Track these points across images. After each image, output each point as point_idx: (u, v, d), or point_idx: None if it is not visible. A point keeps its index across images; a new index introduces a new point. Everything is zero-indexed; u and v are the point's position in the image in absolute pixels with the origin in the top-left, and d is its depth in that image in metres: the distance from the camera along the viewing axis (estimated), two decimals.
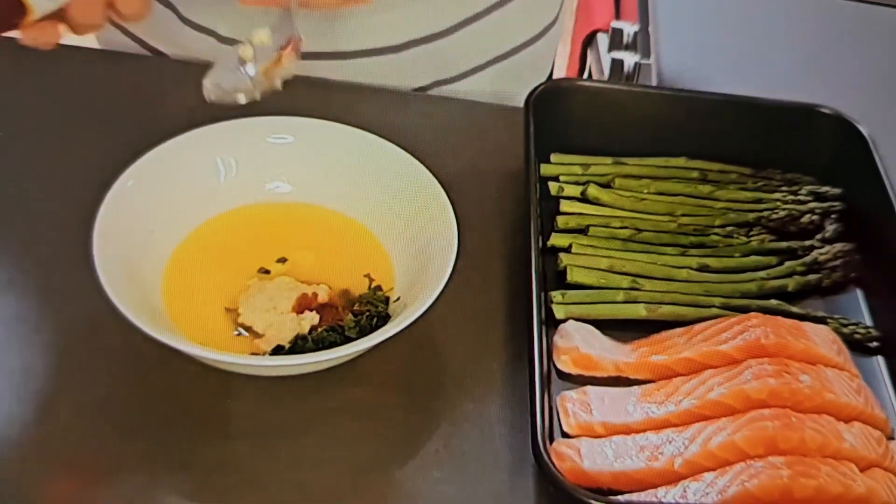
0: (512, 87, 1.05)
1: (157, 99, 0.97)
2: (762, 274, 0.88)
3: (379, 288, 0.81)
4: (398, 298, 0.80)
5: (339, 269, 0.82)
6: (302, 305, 0.79)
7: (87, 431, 0.73)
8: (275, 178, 0.87)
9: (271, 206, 0.86)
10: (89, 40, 1.07)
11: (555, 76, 1.02)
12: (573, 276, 0.86)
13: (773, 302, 0.85)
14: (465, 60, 1.03)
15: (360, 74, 1.00)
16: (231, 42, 0.99)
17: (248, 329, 0.78)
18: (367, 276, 0.82)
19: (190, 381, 0.75)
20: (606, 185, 0.93)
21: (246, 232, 0.85)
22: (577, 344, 0.79)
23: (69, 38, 0.76)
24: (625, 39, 1.52)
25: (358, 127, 0.86)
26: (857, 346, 0.83)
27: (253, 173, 0.86)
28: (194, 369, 0.74)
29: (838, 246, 0.90)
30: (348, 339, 0.76)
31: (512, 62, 1.06)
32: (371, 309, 0.79)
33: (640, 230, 0.90)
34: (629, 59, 1.49)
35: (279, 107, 0.87)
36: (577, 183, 0.93)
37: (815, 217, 0.93)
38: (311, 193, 0.87)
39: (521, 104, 0.92)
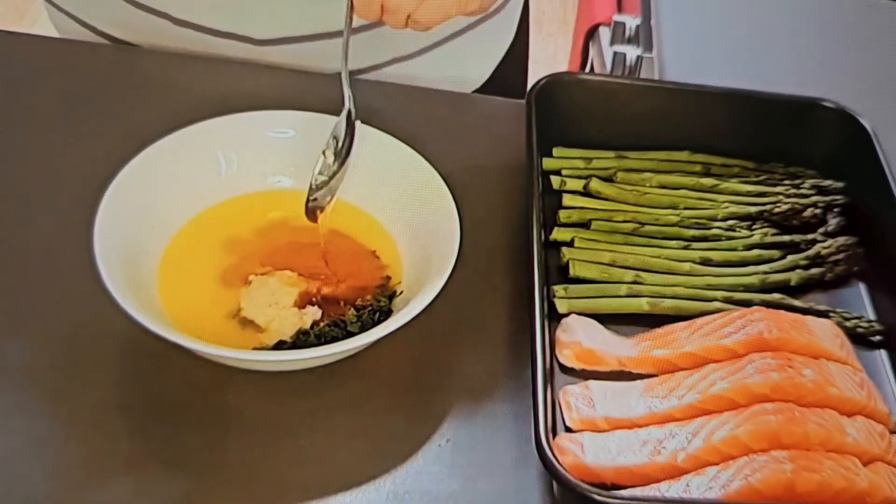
0: (471, 59, 1.04)
1: (159, 93, 0.97)
2: (765, 268, 0.88)
3: (388, 277, 0.81)
4: (402, 292, 0.80)
5: (344, 259, 0.82)
6: (304, 300, 0.79)
7: (88, 428, 0.73)
8: (276, 173, 0.87)
9: (273, 195, 0.86)
10: (48, 30, 1.07)
11: (557, 70, 1.01)
12: (575, 270, 0.86)
13: (776, 296, 0.85)
14: (424, 37, 1.01)
15: (315, 54, 0.98)
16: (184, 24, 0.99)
17: (250, 323, 0.78)
18: (374, 252, 0.83)
19: (191, 376, 0.75)
20: (609, 179, 0.93)
21: (248, 224, 0.85)
22: (580, 338, 0.79)
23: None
24: (627, 33, 1.52)
25: (359, 120, 0.86)
26: (860, 340, 0.84)
27: (254, 167, 0.86)
28: (195, 364, 0.74)
29: (841, 240, 0.90)
30: (350, 334, 0.76)
31: (469, 36, 1.04)
32: (374, 304, 0.79)
33: (642, 224, 0.90)
34: (631, 52, 1.49)
35: (280, 101, 0.86)
36: (579, 177, 0.93)
37: (817, 211, 0.93)
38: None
39: (479, 78, 0.91)
